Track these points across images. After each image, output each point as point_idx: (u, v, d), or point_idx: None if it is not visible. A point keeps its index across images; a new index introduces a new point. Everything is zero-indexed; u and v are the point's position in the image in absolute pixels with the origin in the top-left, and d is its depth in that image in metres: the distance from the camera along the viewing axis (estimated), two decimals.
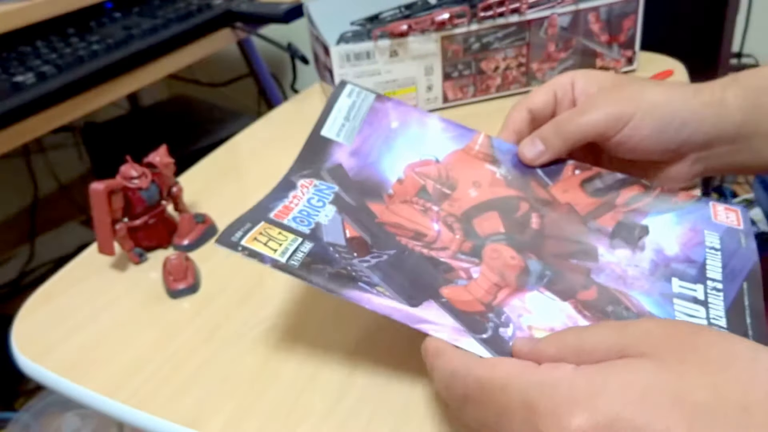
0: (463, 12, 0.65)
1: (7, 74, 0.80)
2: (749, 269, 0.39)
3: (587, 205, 0.43)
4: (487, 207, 0.43)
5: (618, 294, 0.38)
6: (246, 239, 0.35)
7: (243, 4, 1.02)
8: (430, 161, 0.45)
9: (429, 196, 0.43)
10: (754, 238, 0.41)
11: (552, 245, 0.41)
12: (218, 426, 0.36)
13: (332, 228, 0.38)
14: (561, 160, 0.46)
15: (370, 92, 0.48)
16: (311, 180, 0.41)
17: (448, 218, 0.42)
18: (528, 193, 0.44)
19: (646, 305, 0.37)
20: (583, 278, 0.39)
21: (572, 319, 0.36)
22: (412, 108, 0.47)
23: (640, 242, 0.41)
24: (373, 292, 0.34)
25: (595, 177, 0.45)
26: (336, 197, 0.41)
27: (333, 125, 0.45)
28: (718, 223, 0.42)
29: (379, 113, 0.47)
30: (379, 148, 0.45)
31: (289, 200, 0.40)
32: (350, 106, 0.46)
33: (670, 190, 0.44)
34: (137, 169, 0.49)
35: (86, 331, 0.44)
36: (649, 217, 0.42)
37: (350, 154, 0.44)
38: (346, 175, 0.43)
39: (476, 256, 0.40)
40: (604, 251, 0.40)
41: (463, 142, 0.46)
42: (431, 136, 0.46)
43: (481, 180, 0.44)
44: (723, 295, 0.38)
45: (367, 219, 0.40)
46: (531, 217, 0.42)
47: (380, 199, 0.42)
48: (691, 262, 0.40)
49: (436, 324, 0.34)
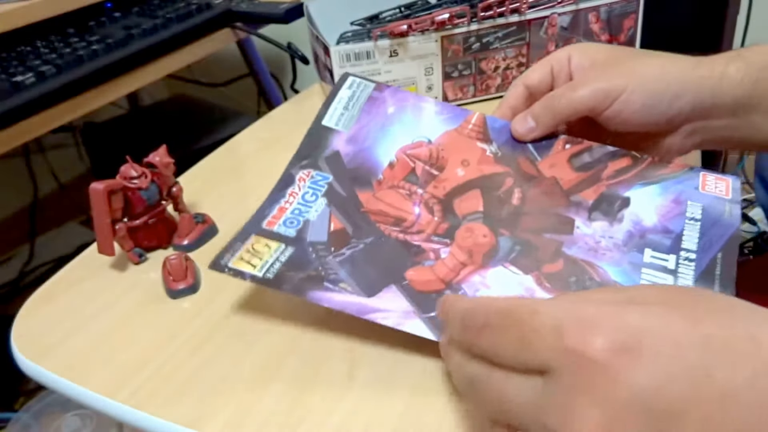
0: (463, 12, 0.65)
1: (6, 74, 0.80)
2: (728, 237, 0.40)
3: (572, 180, 0.44)
4: (471, 186, 0.44)
5: (585, 265, 0.39)
6: (233, 261, 0.40)
7: (243, 3, 1.02)
8: (422, 143, 0.47)
9: (416, 179, 0.45)
10: (740, 208, 0.42)
11: (528, 221, 0.42)
12: (218, 426, 0.36)
13: (318, 224, 0.42)
14: (553, 135, 0.47)
15: (370, 82, 0.50)
16: (309, 171, 0.45)
17: (431, 200, 0.44)
18: (514, 169, 0.45)
19: (612, 275, 0.39)
20: (552, 251, 0.40)
21: (529, 291, 0.38)
22: (409, 93, 0.49)
23: (618, 214, 0.42)
24: (335, 289, 0.38)
25: (584, 151, 0.46)
26: (329, 188, 0.44)
27: (333, 114, 0.48)
28: (704, 193, 0.43)
29: (377, 101, 0.49)
30: (374, 134, 0.47)
31: (285, 199, 0.43)
32: (350, 96, 0.49)
33: (660, 162, 0.45)
34: (137, 169, 0.49)
35: (86, 331, 0.44)
36: (632, 189, 0.43)
37: (347, 141, 0.46)
38: (342, 163, 0.45)
39: (449, 237, 0.42)
40: (580, 223, 0.42)
41: (457, 122, 0.48)
42: (426, 119, 0.48)
43: (470, 158, 0.46)
44: (695, 264, 0.39)
45: (353, 209, 0.43)
46: (513, 192, 0.44)
47: (369, 186, 0.45)
48: (668, 232, 0.40)
49: (385, 311, 0.37)
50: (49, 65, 0.82)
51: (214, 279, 0.47)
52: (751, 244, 1.50)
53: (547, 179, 0.44)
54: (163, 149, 0.51)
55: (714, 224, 0.40)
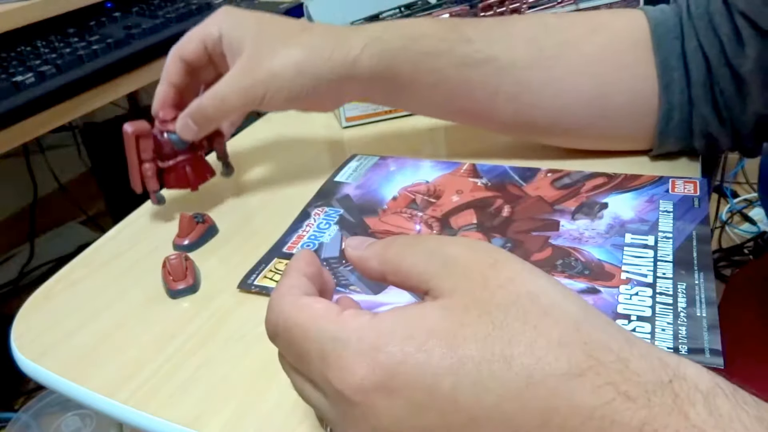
0: (463, 12, 0.65)
1: (6, 74, 0.80)
2: (700, 219, 0.44)
3: (555, 195, 0.50)
4: (466, 207, 0.50)
5: (571, 250, 0.43)
6: (258, 279, 0.45)
7: (243, 3, 1.02)
8: (420, 183, 0.54)
9: (417, 206, 0.51)
10: (708, 204, 0.46)
11: (518, 225, 0.47)
12: (218, 426, 0.36)
13: (331, 244, 0.48)
14: (535, 168, 0.53)
15: (373, 156, 0.59)
16: (323, 207, 0.52)
17: (430, 219, 0.49)
18: (503, 193, 0.51)
19: (596, 254, 0.42)
20: (540, 244, 0.44)
21: None
22: (409, 159, 0.58)
23: (599, 214, 0.47)
24: (345, 292, 0.42)
25: (564, 176, 0.52)
26: (340, 218, 0.51)
27: (343, 175, 0.57)
28: (674, 193, 0.48)
29: (381, 165, 0.58)
30: (379, 181, 0.55)
31: (302, 229, 0.50)
32: (357, 166, 0.58)
33: (632, 177, 0.50)
34: (169, 114, 0.52)
35: (86, 331, 0.44)
36: (609, 197, 0.48)
37: (356, 188, 0.55)
38: (351, 201, 0.53)
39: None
40: (565, 222, 0.46)
41: (451, 168, 0.55)
42: (423, 169, 0.56)
43: (464, 188, 0.52)
44: (672, 241, 0.43)
45: (362, 231, 0.49)
46: (503, 208, 0.49)
47: (375, 214, 0.51)
48: (645, 221, 0.45)
49: (391, 304, 0.39)
50: (49, 65, 0.82)
51: (214, 279, 0.47)
52: (751, 244, 1.50)
53: (533, 197, 0.50)
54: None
55: (686, 212, 0.45)
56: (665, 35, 0.49)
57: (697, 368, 0.23)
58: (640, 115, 0.51)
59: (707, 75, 0.49)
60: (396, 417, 0.24)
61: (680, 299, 0.37)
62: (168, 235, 0.52)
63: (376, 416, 0.24)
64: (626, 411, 0.22)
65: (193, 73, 0.53)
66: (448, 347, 0.24)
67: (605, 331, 0.24)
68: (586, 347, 0.23)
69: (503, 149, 0.58)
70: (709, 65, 0.48)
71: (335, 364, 0.25)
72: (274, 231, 0.50)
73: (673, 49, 0.49)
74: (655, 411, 0.21)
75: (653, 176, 0.50)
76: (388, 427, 0.24)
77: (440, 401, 0.23)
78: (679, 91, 0.49)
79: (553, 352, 0.23)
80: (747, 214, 1.58)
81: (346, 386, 0.24)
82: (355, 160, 0.59)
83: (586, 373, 0.22)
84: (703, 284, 0.38)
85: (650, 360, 0.23)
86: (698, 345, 0.34)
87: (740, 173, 1.64)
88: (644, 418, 0.21)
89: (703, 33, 0.48)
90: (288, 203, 0.54)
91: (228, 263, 0.48)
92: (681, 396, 0.22)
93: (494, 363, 0.23)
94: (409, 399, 0.24)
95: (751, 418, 0.22)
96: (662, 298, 0.38)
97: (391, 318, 0.25)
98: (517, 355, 0.23)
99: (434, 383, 0.23)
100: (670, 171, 0.51)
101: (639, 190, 0.48)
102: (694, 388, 0.22)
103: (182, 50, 0.52)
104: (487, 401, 0.23)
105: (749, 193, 1.61)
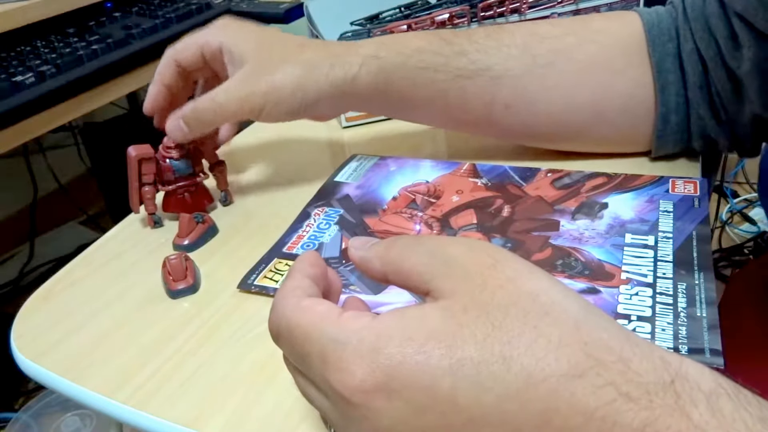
0: (463, 12, 0.65)
1: (6, 74, 0.80)
2: (700, 219, 0.44)
3: (555, 195, 0.50)
4: (465, 207, 0.50)
5: (571, 250, 0.43)
6: (258, 279, 0.45)
7: (243, 3, 1.02)
8: (421, 183, 0.54)
9: (417, 206, 0.51)
10: (708, 204, 0.46)
11: (518, 225, 0.47)
12: (218, 426, 0.35)
13: (331, 244, 0.48)
14: (536, 168, 0.53)
15: (373, 156, 0.59)
16: (323, 208, 0.52)
17: (430, 219, 0.49)
18: (503, 193, 0.51)
19: (596, 254, 0.42)
20: (540, 244, 0.44)
21: None
22: (409, 158, 0.58)
23: (599, 214, 0.47)
24: (346, 292, 0.40)
25: (564, 176, 0.52)
26: (340, 218, 0.51)
27: (343, 175, 0.57)
28: (674, 193, 0.48)
29: (381, 165, 0.58)
30: (379, 181, 0.55)
31: (302, 229, 0.50)
32: (357, 167, 0.58)
33: (632, 177, 0.50)
34: (174, 142, 0.52)
35: (86, 331, 0.44)
36: (610, 197, 0.48)
37: (356, 188, 0.55)
38: (351, 201, 0.53)
39: None
40: (565, 222, 0.46)
41: (451, 169, 0.55)
42: (423, 169, 0.56)
43: (464, 188, 0.52)
44: (672, 241, 0.43)
45: (362, 231, 0.49)
46: (503, 208, 0.49)
47: (375, 214, 0.51)
48: (645, 221, 0.45)
49: (390, 304, 0.40)
50: (49, 65, 0.82)
51: (214, 279, 0.47)
52: (751, 244, 1.50)
53: (533, 197, 0.50)
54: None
55: (686, 212, 0.45)
56: (660, 37, 0.50)
57: (699, 368, 0.23)
58: (637, 119, 0.51)
59: (704, 77, 0.49)
60: (396, 418, 0.24)
61: (680, 299, 0.37)
62: (168, 235, 0.52)
63: (376, 417, 0.24)
64: (628, 412, 0.22)
65: (186, 77, 0.54)
66: (447, 348, 0.24)
67: (606, 330, 0.24)
68: (587, 347, 0.23)
69: (503, 149, 0.58)
70: (705, 67, 0.48)
71: (335, 366, 0.25)
72: (274, 231, 0.50)
73: (669, 52, 0.49)
74: (657, 412, 0.21)
75: (653, 176, 0.50)
76: (388, 428, 0.24)
77: (440, 402, 0.23)
78: (676, 93, 0.49)
79: (553, 353, 0.23)
80: (747, 214, 1.58)
81: (346, 387, 0.25)
82: (355, 160, 0.59)
83: (587, 373, 0.22)
84: (703, 284, 0.38)
85: (652, 360, 0.23)
86: (698, 345, 0.34)
87: (740, 173, 1.64)
88: (646, 419, 0.21)
89: (699, 35, 0.48)
90: (288, 203, 0.54)
91: (228, 263, 0.48)
92: (683, 396, 0.22)
93: (493, 364, 0.23)
94: (409, 400, 0.24)
95: (753, 418, 0.22)
96: (662, 298, 0.38)
97: (391, 320, 0.25)
98: (516, 356, 0.23)
99: (433, 384, 0.23)
100: (670, 171, 0.52)
101: (639, 190, 0.48)
102: (696, 389, 0.22)
103: (178, 55, 0.52)
104: (487, 402, 0.23)
105: (749, 193, 1.61)
